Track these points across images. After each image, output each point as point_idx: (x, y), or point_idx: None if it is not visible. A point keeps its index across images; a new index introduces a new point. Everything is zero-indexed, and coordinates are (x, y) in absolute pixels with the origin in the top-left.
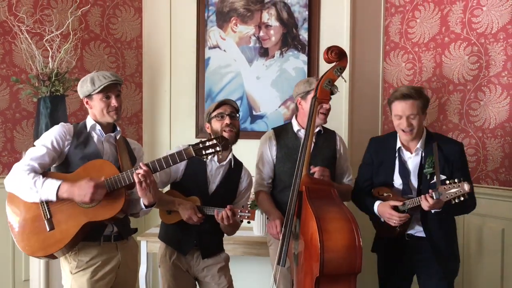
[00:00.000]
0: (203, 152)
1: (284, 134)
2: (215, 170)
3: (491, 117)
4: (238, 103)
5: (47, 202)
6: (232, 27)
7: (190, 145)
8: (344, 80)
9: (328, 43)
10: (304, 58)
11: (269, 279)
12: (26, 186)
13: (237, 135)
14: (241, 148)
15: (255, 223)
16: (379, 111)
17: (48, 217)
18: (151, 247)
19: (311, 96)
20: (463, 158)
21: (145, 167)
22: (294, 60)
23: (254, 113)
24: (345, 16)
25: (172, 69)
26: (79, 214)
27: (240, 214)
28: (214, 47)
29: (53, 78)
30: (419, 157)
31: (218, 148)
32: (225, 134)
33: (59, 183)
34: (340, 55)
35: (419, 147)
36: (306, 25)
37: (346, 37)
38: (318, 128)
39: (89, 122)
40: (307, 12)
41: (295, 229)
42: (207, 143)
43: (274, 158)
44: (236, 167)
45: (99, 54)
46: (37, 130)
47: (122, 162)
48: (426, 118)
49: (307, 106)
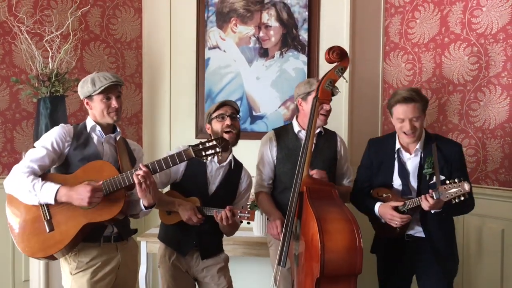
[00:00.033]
0: (203, 153)
1: (284, 135)
2: (215, 171)
3: (491, 117)
4: (238, 103)
5: (46, 204)
6: (232, 27)
7: (190, 146)
8: (346, 80)
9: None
10: (304, 58)
11: (268, 279)
12: (25, 189)
13: (237, 137)
14: (240, 149)
15: (255, 223)
16: (379, 112)
17: (48, 218)
18: (151, 247)
19: (312, 97)
20: (462, 159)
21: (144, 168)
22: (294, 61)
23: (254, 113)
24: (345, 17)
25: (172, 69)
26: (79, 215)
27: (240, 214)
28: (214, 48)
29: (53, 79)
30: (418, 158)
31: (218, 149)
32: (225, 135)
33: (57, 187)
34: (342, 55)
35: (418, 148)
36: (306, 25)
37: (346, 37)
38: (318, 129)
39: (89, 123)
40: (307, 13)
41: (295, 229)
42: (207, 144)
43: (274, 159)
44: (236, 168)
45: (99, 55)
46: (37, 131)
47: (122, 163)
48: (426, 118)
49: (307, 107)
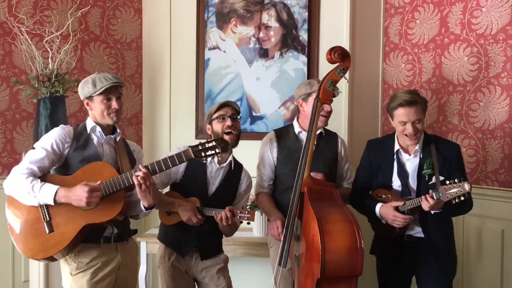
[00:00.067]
0: (202, 154)
1: (285, 136)
2: (215, 171)
3: (491, 118)
4: (238, 104)
5: (46, 205)
6: (232, 28)
7: (190, 146)
8: (347, 81)
9: (328, 44)
10: (304, 59)
11: (268, 280)
12: (24, 191)
13: (238, 138)
14: (240, 149)
15: (255, 224)
16: (378, 112)
17: (48, 219)
18: (150, 248)
19: (313, 98)
20: (460, 159)
21: (144, 170)
22: (294, 61)
23: (254, 114)
24: (344, 17)
25: (172, 70)
26: (78, 216)
27: (239, 215)
28: (214, 48)
29: (53, 79)
30: (417, 158)
31: (217, 150)
32: (226, 136)
33: (56, 188)
34: (343, 55)
35: (417, 148)
36: (306, 26)
37: (346, 38)
38: (319, 130)
39: (89, 124)
40: (306, 13)
41: (296, 230)
42: (206, 145)
43: (275, 159)
44: (236, 169)
45: (99, 55)
46: (37, 131)
47: (122, 164)
48: (426, 119)
49: (308, 108)
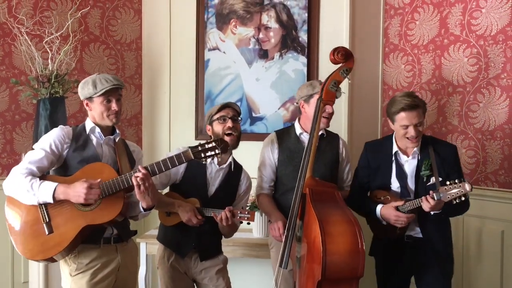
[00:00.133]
0: (202, 155)
1: (286, 137)
2: (214, 172)
3: (491, 119)
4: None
5: (45, 205)
6: (232, 29)
7: (189, 147)
8: (349, 81)
9: (328, 45)
10: (304, 60)
11: (268, 281)
12: (23, 189)
13: (238, 139)
14: (240, 150)
15: (255, 225)
16: (378, 113)
17: (47, 220)
18: (150, 249)
19: (314, 100)
20: (458, 160)
21: (143, 171)
22: (293, 62)
23: (254, 115)
24: (344, 18)
25: (171, 70)
26: (78, 217)
27: (239, 215)
28: (214, 49)
29: (52, 80)
30: (416, 160)
31: (217, 151)
32: (226, 138)
33: (55, 185)
34: (347, 56)
35: (416, 150)
36: (305, 27)
37: (346, 39)
38: (320, 131)
39: (88, 125)
40: (306, 14)
41: (297, 231)
42: (206, 146)
43: (276, 161)
44: (236, 170)
45: (98, 56)
46: (36, 132)
47: (121, 165)
48: (426, 120)
49: (310, 109)
